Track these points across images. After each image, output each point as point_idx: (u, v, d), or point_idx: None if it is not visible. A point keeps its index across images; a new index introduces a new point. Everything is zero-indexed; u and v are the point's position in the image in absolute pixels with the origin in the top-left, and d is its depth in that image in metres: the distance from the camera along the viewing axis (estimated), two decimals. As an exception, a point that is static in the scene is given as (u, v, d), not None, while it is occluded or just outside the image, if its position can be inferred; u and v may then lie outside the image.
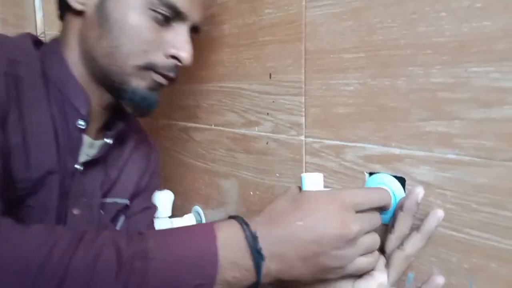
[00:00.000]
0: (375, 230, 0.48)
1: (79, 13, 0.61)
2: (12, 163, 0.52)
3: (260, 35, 0.73)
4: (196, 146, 0.95)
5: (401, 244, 0.50)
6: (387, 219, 0.54)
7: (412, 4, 0.51)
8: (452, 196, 0.51)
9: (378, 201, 0.48)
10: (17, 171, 0.52)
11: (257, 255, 0.42)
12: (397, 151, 0.55)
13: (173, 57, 0.63)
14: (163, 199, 0.95)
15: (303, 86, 0.66)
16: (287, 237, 0.43)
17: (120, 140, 0.73)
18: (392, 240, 0.51)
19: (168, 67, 0.63)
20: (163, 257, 0.41)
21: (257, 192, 0.79)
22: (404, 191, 0.55)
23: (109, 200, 0.71)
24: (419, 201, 0.47)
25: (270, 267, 0.43)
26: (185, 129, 0.97)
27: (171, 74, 0.64)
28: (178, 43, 0.62)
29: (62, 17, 0.66)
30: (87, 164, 0.64)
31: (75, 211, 0.62)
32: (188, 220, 0.95)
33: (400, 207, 0.50)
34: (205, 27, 0.72)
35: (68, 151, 0.61)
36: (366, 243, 0.46)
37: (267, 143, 0.75)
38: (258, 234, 0.43)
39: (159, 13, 0.59)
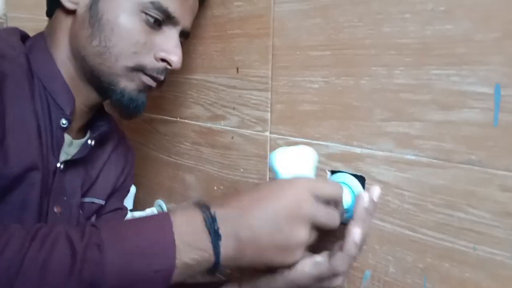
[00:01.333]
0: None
1: (70, 12, 0.61)
2: None
3: (228, 27, 0.72)
4: (161, 138, 0.93)
5: None
6: (346, 219, 0.54)
7: (377, 4, 0.51)
8: (409, 196, 0.51)
9: (335, 194, 0.48)
10: None
11: (214, 235, 0.42)
12: (358, 150, 0.55)
13: (163, 60, 0.63)
14: (125, 192, 0.93)
15: (270, 82, 0.66)
16: (244, 217, 0.44)
17: (101, 141, 0.72)
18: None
19: (158, 69, 0.63)
20: (117, 246, 0.40)
21: (221, 187, 0.79)
22: (364, 190, 0.55)
23: (87, 199, 0.71)
24: (375, 200, 0.48)
25: (228, 246, 0.43)
26: (150, 120, 0.95)
27: (160, 77, 0.64)
28: (169, 46, 0.63)
29: (50, 13, 0.65)
30: (68, 163, 0.63)
31: (56, 209, 0.61)
32: (150, 214, 0.93)
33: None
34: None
35: (51, 149, 0.60)
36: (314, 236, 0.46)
37: (232, 138, 0.75)
38: (217, 216, 0.43)
39: (151, 16, 0.59)
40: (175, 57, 0.63)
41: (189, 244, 0.42)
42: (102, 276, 0.38)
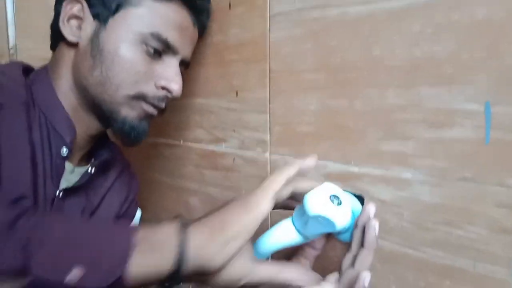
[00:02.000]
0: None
1: (73, 45, 0.63)
2: None
3: (226, 54, 0.74)
4: (165, 162, 0.94)
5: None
6: (347, 237, 0.55)
7: (367, 27, 0.52)
8: (407, 215, 0.52)
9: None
10: None
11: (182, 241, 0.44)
12: (355, 169, 0.56)
13: (164, 88, 0.64)
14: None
15: (268, 104, 0.67)
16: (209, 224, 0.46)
17: (103, 168, 0.73)
18: (347, 259, 0.51)
19: (159, 97, 0.65)
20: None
21: (225, 209, 0.79)
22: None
23: None
24: (371, 217, 0.48)
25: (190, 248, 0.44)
26: (154, 144, 0.97)
27: (161, 105, 0.66)
28: (169, 75, 0.64)
29: (54, 47, 0.68)
30: (68, 191, 0.64)
31: None
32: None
33: (355, 225, 0.51)
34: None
35: (50, 178, 0.61)
36: None
37: (234, 160, 0.76)
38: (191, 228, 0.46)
39: (151, 46, 0.61)
40: (176, 85, 0.64)
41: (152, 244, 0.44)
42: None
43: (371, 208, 0.48)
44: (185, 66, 0.69)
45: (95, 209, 0.73)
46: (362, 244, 0.48)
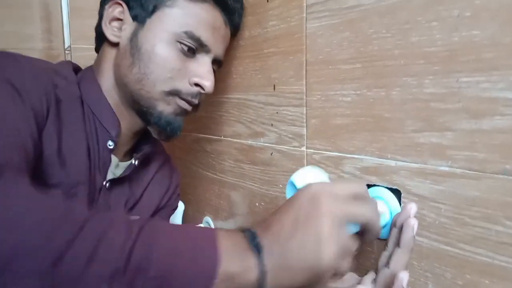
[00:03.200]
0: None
1: (114, 45, 0.68)
2: (46, 169, 0.55)
3: (264, 47, 0.74)
4: (207, 156, 0.96)
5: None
6: (385, 234, 0.53)
7: (404, 13, 0.51)
8: (445, 210, 0.49)
9: (358, 190, 0.44)
10: (52, 177, 0.56)
11: (257, 250, 0.41)
12: (392, 163, 0.54)
13: (197, 85, 0.68)
14: (174, 209, 0.96)
15: (304, 97, 0.66)
16: (276, 236, 0.42)
17: (145, 162, 0.77)
18: (383, 257, 0.49)
19: (192, 94, 0.68)
20: (165, 240, 0.40)
21: (262, 203, 0.79)
22: (400, 204, 0.54)
23: (132, 217, 0.73)
24: (411, 216, 0.46)
25: (270, 262, 0.41)
26: (197, 140, 0.99)
27: (195, 100, 0.69)
28: (202, 72, 0.67)
29: (98, 49, 0.73)
30: (113, 182, 0.68)
31: None
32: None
33: (394, 223, 0.49)
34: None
35: (97, 168, 0.65)
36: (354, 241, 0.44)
37: (271, 154, 0.75)
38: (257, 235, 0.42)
39: (185, 45, 0.65)
40: (208, 82, 0.67)
41: (233, 255, 0.40)
42: (149, 262, 0.37)
43: (412, 207, 0.46)
44: (217, 64, 0.72)
45: (138, 200, 0.76)
46: (398, 244, 0.46)
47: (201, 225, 0.98)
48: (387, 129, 0.54)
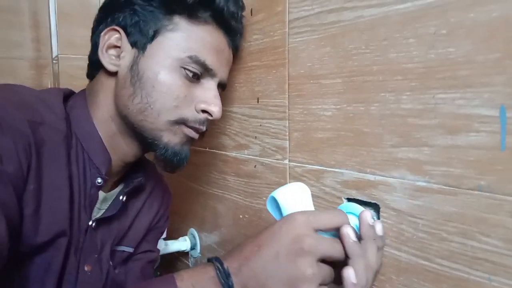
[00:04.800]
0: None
1: (112, 74, 0.63)
2: (23, 230, 0.51)
3: (248, 60, 0.74)
4: (193, 168, 0.96)
5: None
6: None
7: (383, 30, 0.51)
8: (423, 225, 0.49)
9: (337, 223, 0.46)
10: (26, 238, 0.52)
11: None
12: (371, 177, 0.54)
13: (204, 111, 0.64)
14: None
15: (287, 110, 0.67)
16: (247, 265, 0.45)
17: (135, 192, 0.73)
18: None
19: (200, 121, 0.64)
20: None
21: (246, 216, 0.79)
22: (379, 218, 0.54)
23: (119, 248, 0.71)
24: (371, 224, 0.46)
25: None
26: (183, 151, 0.99)
27: (202, 127, 0.65)
28: (208, 98, 0.64)
29: (91, 76, 0.68)
30: (100, 221, 0.64)
31: (87, 268, 0.61)
32: (182, 242, 0.95)
33: (359, 238, 0.49)
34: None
35: (83, 208, 0.60)
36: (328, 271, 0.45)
37: (255, 167, 0.76)
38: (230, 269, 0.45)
39: (190, 70, 0.61)
40: (216, 108, 0.64)
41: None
42: None
43: (366, 215, 0.47)
44: (222, 88, 0.69)
45: (126, 232, 0.72)
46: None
47: (186, 237, 0.97)
48: (366, 144, 0.55)
